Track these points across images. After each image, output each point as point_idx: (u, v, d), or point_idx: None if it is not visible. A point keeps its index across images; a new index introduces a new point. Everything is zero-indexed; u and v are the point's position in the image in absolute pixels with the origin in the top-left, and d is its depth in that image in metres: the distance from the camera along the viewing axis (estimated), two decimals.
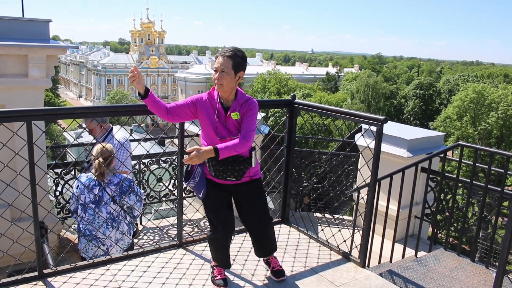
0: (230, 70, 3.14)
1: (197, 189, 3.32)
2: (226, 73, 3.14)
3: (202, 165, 3.27)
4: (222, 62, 3.15)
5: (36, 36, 4.97)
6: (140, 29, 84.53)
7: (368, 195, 3.75)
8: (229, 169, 3.20)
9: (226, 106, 3.24)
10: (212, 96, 3.28)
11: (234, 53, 3.16)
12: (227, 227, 3.28)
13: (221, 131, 3.21)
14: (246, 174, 3.30)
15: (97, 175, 4.01)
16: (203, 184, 3.29)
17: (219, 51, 3.22)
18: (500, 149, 5.44)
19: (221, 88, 3.18)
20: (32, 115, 3.14)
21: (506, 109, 39.29)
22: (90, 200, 4.03)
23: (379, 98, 53.64)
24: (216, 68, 3.17)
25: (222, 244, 3.39)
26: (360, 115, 3.82)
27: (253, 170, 3.35)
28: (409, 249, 5.00)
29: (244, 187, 3.35)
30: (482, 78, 63.33)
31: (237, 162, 3.21)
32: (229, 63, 3.14)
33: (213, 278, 3.47)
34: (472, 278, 4.25)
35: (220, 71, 3.15)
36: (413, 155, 5.76)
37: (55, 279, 3.36)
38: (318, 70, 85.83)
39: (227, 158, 3.17)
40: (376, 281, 3.63)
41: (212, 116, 3.21)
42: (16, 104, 4.61)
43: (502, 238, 3.34)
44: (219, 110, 3.22)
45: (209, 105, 3.24)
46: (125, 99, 64.10)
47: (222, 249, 3.42)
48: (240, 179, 3.27)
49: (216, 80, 3.16)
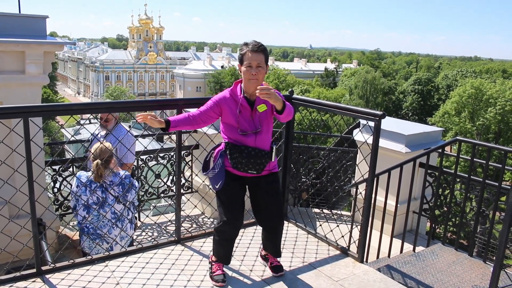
0: (264, 64, 3.16)
1: (214, 180, 3.31)
2: (262, 68, 3.15)
3: (223, 157, 3.28)
4: (257, 57, 3.12)
5: (33, 33, 4.95)
6: (138, 25, 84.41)
7: (366, 190, 3.75)
8: (251, 162, 3.20)
9: (251, 100, 3.23)
10: (235, 92, 3.26)
11: (264, 47, 3.17)
12: (237, 221, 3.27)
13: (243, 126, 3.21)
14: (265, 167, 3.31)
15: (95, 176, 3.99)
16: (221, 176, 3.28)
17: (246, 46, 3.15)
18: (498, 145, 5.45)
19: (256, 83, 3.13)
20: (29, 111, 3.13)
21: (504, 104, 39.33)
22: (93, 202, 4.02)
23: (378, 94, 53.66)
24: (250, 64, 3.12)
25: (228, 238, 3.38)
26: (358, 111, 3.81)
27: (272, 164, 3.37)
28: (407, 244, 5.02)
29: (263, 180, 3.35)
30: (481, 73, 63.34)
31: (259, 155, 3.21)
32: (263, 58, 3.15)
33: (211, 273, 3.47)
34: (470, 272, 4.26)
35: (255, 66, 3.12)
36: (411, 151, 5.76)
37: (53, 276, 3.36)
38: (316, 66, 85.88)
39: (250, 151, 3.19)
40: (375, 276, 3.64)
41: (234, 111, 3.21)
42: (13, 100, 4.61)
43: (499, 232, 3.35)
44: (244, 104, 3.21)
45: (232, 101, 3.23)
46: (123, 95, 64.05)
47: (226, 243, 3.40)
48: (260, 172, 3.28)
49: (252, 75, 3.12)
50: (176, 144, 3.82)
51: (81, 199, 4.03)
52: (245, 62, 3.14)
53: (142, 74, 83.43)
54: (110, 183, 4.04)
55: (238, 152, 3.19)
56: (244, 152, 3.18)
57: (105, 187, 4.01)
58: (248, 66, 3.12)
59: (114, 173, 4.12)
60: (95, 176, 3.99)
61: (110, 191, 4.03)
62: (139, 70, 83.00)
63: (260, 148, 3.23)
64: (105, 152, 4.02)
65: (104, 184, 4.03)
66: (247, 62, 3.13)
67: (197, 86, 75.49)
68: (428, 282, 4.05)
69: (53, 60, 5.17)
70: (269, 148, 3.30)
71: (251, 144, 3.22)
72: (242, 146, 3.20)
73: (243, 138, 3.21)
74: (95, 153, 4.03)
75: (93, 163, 4.03)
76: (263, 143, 3.26)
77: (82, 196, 4.03)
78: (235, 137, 3.21)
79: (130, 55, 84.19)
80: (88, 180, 4.05)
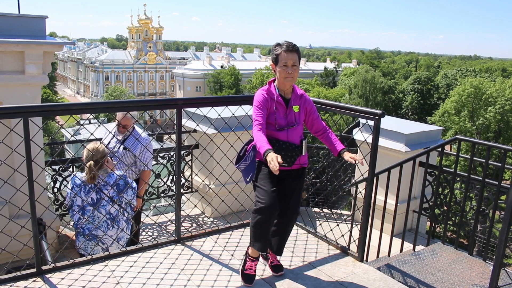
0: (298, 63, 3.32)
1: (245, 172, 3.39)
2: (296, 66, 3.30)
3: (255, 150, 3.34)
4: (292, 56, 3.27)
5: (33, 33, 4.95)
6: (137, 25, 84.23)
7: (366, 189, 3.76)
8: (282, 155, 3.25)
9: (286, 98, 3.38)
10: (271, 91, 3.38)
11: (297, 47, 3.31)
12: (273, 204, 3.24)
13: (280, 122, 3.33)
14: (296, 161, 3.41)
15: (88, 178, 3.97)
16: (252, 168, 3.37)
17: (280, 47, 3.29)
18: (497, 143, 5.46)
19: (291, 81, 3.32)
20: (29, 111, 3.13)
21: (504, 103, 39.31)
22: (88, 203, 4.00)
23: (377, 93, 53.69)
24: (286, 63, 3.26)
25: (265, 221, 3.29)
26: (358, 110, 3.82)
27: (303, 159, 3.47)
28: (407, 243, 5.02)
29: (293, 173, 3.45)
30: (480, 72, 63.42)
31: (290, 148, 3.34)
32: (297, 57, 3.30)
33: (243, 268, 3.46)
34: (470, 271, 4.27)
35: (291, 65, 3.27)
36: (411, 150, 5.78)
37: (53, 276, 3.37)
38: (316, 65, 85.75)
39: (281, 144, 3.33)
40: (374, 275, 3.65)
41: (272, 109, 3.33)
42: (13, 100, 4.60)
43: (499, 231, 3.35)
44: (280, 102, 3.35)
45: (269, 99, 3.35)
46: (123, 95, 63.95)
47: (262, 228, 3.31)
48: (291, 165, 3.38)
49: (288, 74, 3.26)
50: (175, 144, 3.81)
51: (76, 200, 4.01)
52: (280, 62, 3.28)
53: (141, 74, 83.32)
54: (105, 184, 4.02)
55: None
56: (276, 145, 3.29)
57: (99, 188, 3.99)
58: (284, 65, 3.27)
59: (108, 173, 4.10)
60: (88, 178, 3.98)
61: (104, 191, 4.01)
62: (139, 70, 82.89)
63: (291, 142, 3.36)
64: (98, 153, 3.99)
65: (99, 185, 4.01)
66: (282, 62, 3.27)
67: (196, 86, 75.44)
68: (428, 281, 4.06)
69: (52, 60, 5.16)
70: (299, 142, 3.41)
71: (283, 138, 3.34)
72: (274, 139, 3.31)
73: (276, 133, 3.33)
74: (88, 155, 4.01)
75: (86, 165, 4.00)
76: (294, 137, 3.39)
77: (77, 198, 4.01)
78: (269, 132, 3.32)
79: (130, 55, 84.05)
80: (82, 182, 4.03)
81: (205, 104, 4.36)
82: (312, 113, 3.49)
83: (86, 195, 3.98)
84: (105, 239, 4.06)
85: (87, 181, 3.97)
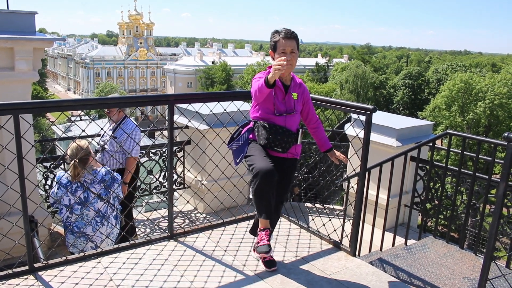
0: (297, 50, 3.33)
1: (236, 153, 3.40)
2: (295, 53, 3.31)
3: (249, 132, 3.37)
4: (290, 43, 3.28)
5: (22, 29, 4.91)
6: (128, 21, 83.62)
7: (358, 184, 3.77)
8: (278, 139, 3.29)
9: (285, 85, 3.39)
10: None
11: (296, 34, 3.32)
12: (270, 168, 3.15)
13: (279, 108, 3.33)
14: (291, 150, 3.42)
15: (72, 176, 3.95)
16: (243, 150, 3.37)
17: (279, 34, 3.30)
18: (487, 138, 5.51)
19: (290, 68, 3.29)
20: (20, 108, 3.10)
21: (493, 98, 39.56)
22: (75, 202, 3.99)
23: (368, 88, 53.86)
24: (284, 50, 3.26)
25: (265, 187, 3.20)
26: (349, 105, 3.83)
27: (297, 149, 3.50)
28: (399, 238, 5.06)
29: (288, 162, 3.47)
30: (470, 67, 63.66)
31: (286, 134, 3.34)
32: (295, 44, 3.31)
33: (256, 244, 3.44)
34: (461, 264, 4.31)
35: (289, 52, 3.27)
36: (402, 144, 5.81)
37: (46, 273, 3.35)
38: (307, 61, 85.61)
39: (278, 129, 3.32)
40: (367, 269, 3.67)
41: (271, 94, 3.30)
42: (2, 97, 4.55)
43: (489, 225, 3.38)
44: (279, 87, 3.34)
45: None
46: (114, 91, 63.51)
47: (263, 194, 3.23)
48: (286, 151, 3.39)
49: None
50: (167, 140, 3.81)
51: (63, 200, 3.99)
52: (279, 49, 3.29)
53: (132, 70, 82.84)
54: (91, 182, 4.00)
55: (266, 129, 3.31)
56: (273, 129, 3.31)
57: (86, 186, 3.97)
58: (282, 52, 3.27)
59: (93, 170, 4.08)
60: (73, 176, 3.96)
61: (91, 189, 4.00)
62: (130, 66, 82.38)
63: (288, 128, 3.36)
64: (80, 151, 3.97)
65: (85, 183, 3.99)
66: (281, 49, 3.28)
67: (188, 82, 75.13)
68: (420, 274, 4.09)
69: (42, 57, 5.13)
70: (296, 130, 3.42)
71: (280, 123, 3.35)
72: (271, 123, 3.32)
73: (274, 118, 3.33)
74: (71, 153, 3.99)
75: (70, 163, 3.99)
76: (291, 124, 3.40)
77: (64, 198, 3.99)
78: (267, 117, 3.33)
79: (121, 51, 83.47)
80: (68, 181, 4.01)
81: (197, 100, 4.35)
82: (309, 103, 3.52)
83: (74, 195, 3.97)
84: (95, 236, 4.05)
85: (72, 179, 3.96)
